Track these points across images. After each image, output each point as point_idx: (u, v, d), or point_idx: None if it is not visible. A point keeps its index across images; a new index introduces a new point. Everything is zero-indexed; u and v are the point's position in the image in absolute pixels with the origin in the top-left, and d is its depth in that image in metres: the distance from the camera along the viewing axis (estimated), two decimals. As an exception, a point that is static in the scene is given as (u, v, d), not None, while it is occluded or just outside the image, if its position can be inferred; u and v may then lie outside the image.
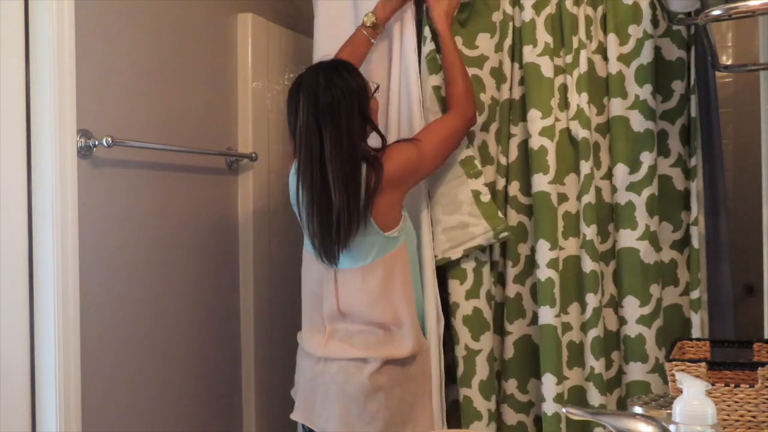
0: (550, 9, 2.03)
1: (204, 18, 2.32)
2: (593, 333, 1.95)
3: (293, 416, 1.95)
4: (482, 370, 2.00)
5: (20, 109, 1.74)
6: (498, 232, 1.98)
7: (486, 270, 2.04)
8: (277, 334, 2.57)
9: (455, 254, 1.99)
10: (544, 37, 2.02)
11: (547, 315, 1.96)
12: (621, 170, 1.97)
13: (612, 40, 1.98)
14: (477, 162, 2.01)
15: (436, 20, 2.00)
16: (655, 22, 1.96)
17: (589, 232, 1.97)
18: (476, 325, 2.00)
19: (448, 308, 2.03)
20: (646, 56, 1.94)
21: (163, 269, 2.12)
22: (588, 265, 1.97)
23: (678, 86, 1.99)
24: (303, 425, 1.94)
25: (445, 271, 2.04)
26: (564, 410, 1.00)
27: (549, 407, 1.95)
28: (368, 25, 2.00)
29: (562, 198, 2.02)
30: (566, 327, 2.00)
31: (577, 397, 2.00)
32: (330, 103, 1.72)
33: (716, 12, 1.44)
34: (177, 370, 2.17)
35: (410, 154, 1.82)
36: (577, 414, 0.99)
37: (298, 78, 1.80)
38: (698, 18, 1.48)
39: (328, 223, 1.74)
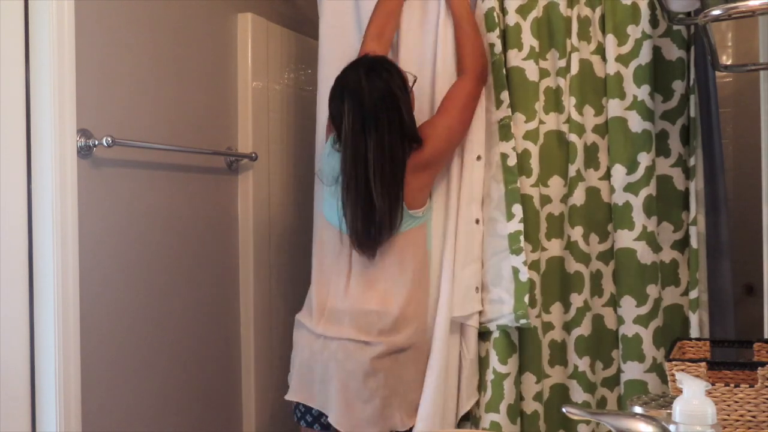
0: (536, 12, 2.02)
1: (204, 18, 2.32)
2: (577, 332, 1.98)
3: (288, 396, 1.95)
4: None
5: (20, 109, 1.74)
6: (518, 317, 1.92)
7: None
8: (277, 333, 2.57)
9: (492, 327, 1.98)
10: (530, 40, 2.01)
11: None
12: (619, 171, 1.97)
13: (610, 40, 1.98)
14: (521, 236, 1.94)
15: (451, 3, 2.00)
16: (654, 22, 1.96)
17: (574, 233, 1.99)
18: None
19: None
20: (644, 57, 1.94)
21: (163, 269, 2.12)
22: (572, 266, 1.99)
23: (678, 86, 1.99)
24: (297, 406, 1.94)
25: None
26: (564, 409, 1.00)
27: (528, 405, 1.97)
28: None
29: (546, 200, 2.03)
30: (548, 326, 2.01)
31: (559, 394, 2.02)
32: (374, 106, 1.80)
33: (716, 12, 1.44)
34: (177, 369, 2.17)
35: (441, 132, 1.91)
36: (576, 414, 0.99)
37: (340, 79, 1.86)
38: (698, 18, 1.48)
39: (371, 224, 1.82)
